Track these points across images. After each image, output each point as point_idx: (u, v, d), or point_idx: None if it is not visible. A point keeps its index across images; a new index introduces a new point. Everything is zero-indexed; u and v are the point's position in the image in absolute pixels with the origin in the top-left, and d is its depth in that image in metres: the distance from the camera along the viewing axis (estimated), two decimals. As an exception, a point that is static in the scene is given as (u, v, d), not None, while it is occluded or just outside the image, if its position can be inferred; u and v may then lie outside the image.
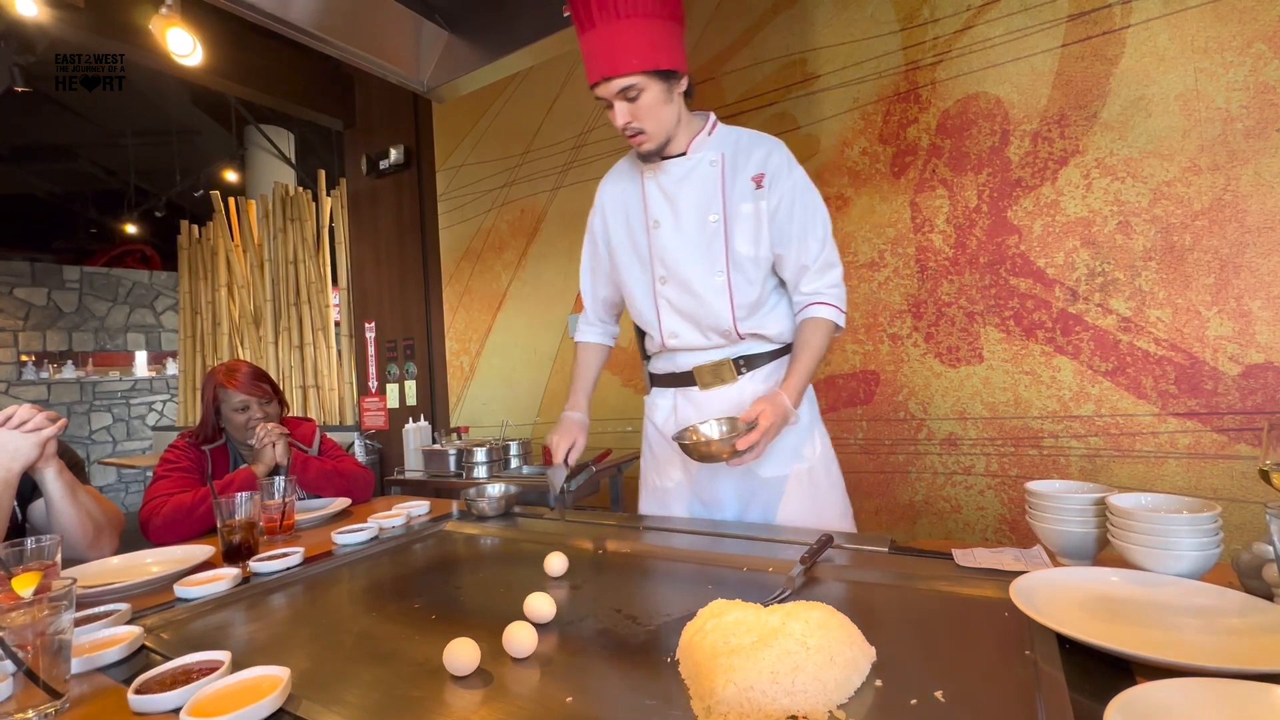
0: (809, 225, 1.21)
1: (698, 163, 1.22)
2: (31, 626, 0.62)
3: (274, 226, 4.24)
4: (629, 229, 1.31)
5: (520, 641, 0.71)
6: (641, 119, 1.14)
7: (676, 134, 1.20)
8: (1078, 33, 1.84)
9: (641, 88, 1.10)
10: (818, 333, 1.21)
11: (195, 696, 0.61)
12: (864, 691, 0.60)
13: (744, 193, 1.21)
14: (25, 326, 6.47)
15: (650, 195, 1.26)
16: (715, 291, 1.22)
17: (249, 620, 0.91)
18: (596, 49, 1.10)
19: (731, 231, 1.21)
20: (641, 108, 1.13)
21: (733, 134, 1.26)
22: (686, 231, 1.23)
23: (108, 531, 1.25)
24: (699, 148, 1.23)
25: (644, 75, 1.09)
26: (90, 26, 2.69)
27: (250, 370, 1.67)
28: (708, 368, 1.28)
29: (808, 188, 1.23)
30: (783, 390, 1.15)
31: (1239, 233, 1.67)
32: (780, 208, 1.20)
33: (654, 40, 1.08)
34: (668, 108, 1.15)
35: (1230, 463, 1.69)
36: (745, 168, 1.21)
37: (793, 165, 1.23)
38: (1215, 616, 0.67)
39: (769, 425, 1.08)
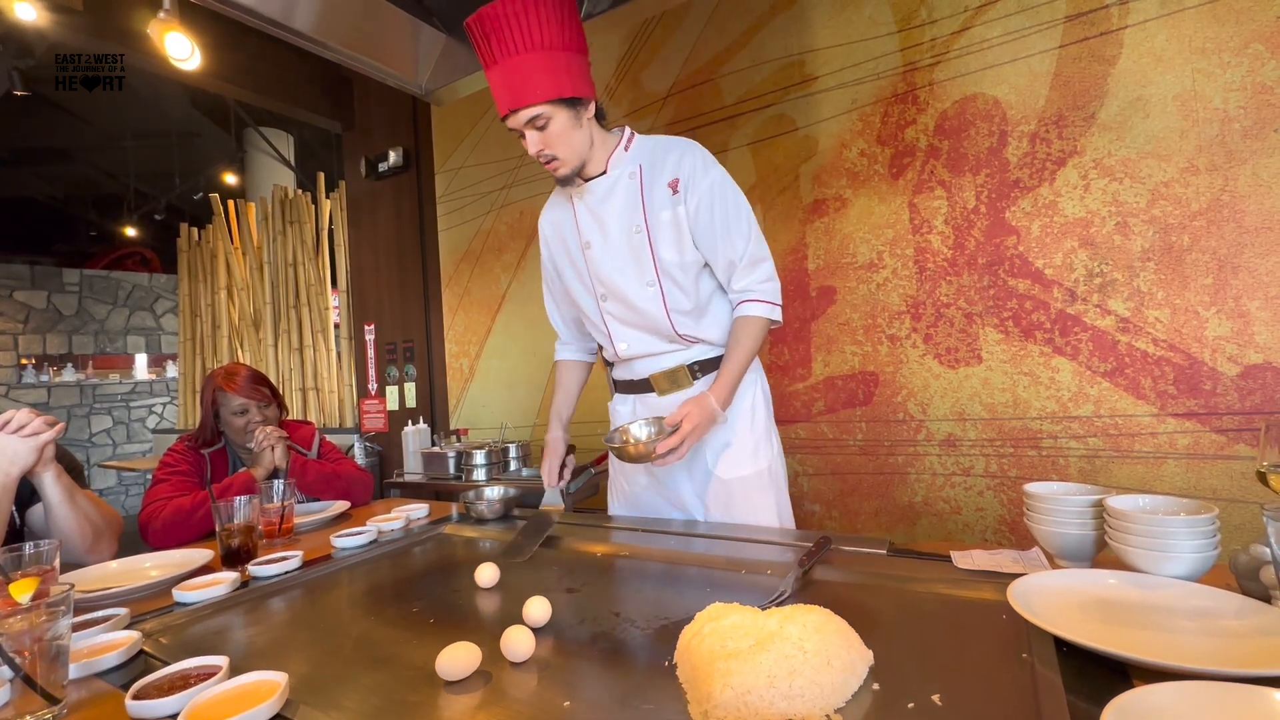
0: (731, 223, 1.22)
1: (617, 179, 1.25)
2: (29, 632, 0.62)
3: (273, 229, 4.24)
4: (568, 253, 1.35)
5: (518, 646, 0.71)
6: (553, 146, 1.17)
7: (591, 156, 1.24)
8: (1075, 34, 1.84)
9: (548, 116, 1.14)
10: (747, 331, 1.23)
11: (193, 702, 0.61)
12: (861, 695, 0.60)
13: (662, 200, 1.23)
14: (25, 329, 6.47)
15: (580, 217, 1.30)
16: (649, 300, 1.26)
17: (247, 624, 0.91)
18: (501, 83, 1.13)
19: (655, 240, 1.23)
20: (551, 135, 1.16)
21: (649, 143, 1.28)
22: (615, 247, 1.26)
23: (106, 535, 1.26)
24: (617, 164, 1.25)
25: (548, 105, 1.13)
26: (89, 30, 2.70)
27: (249, 374, 1.67)
28: (663, 374, 1.31)
29: (725, 186, 1.23)
30: (710, 391, 1.18)
31: (1237, 233, 1.67)
32: (700, 209, 1.21)
33: (557, 70, 1.12)
34: (577, 133, 1.19)
35: (1229, 463, 1.69)
36: (661, 175, 1.24)
37: (709, 166, 1.23)
38: (1212, 619, 0.67)
39: (691, 428, 1.13)
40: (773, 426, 1.36)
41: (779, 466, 1.34)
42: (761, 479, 1.29)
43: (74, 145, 6.88)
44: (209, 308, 4.82)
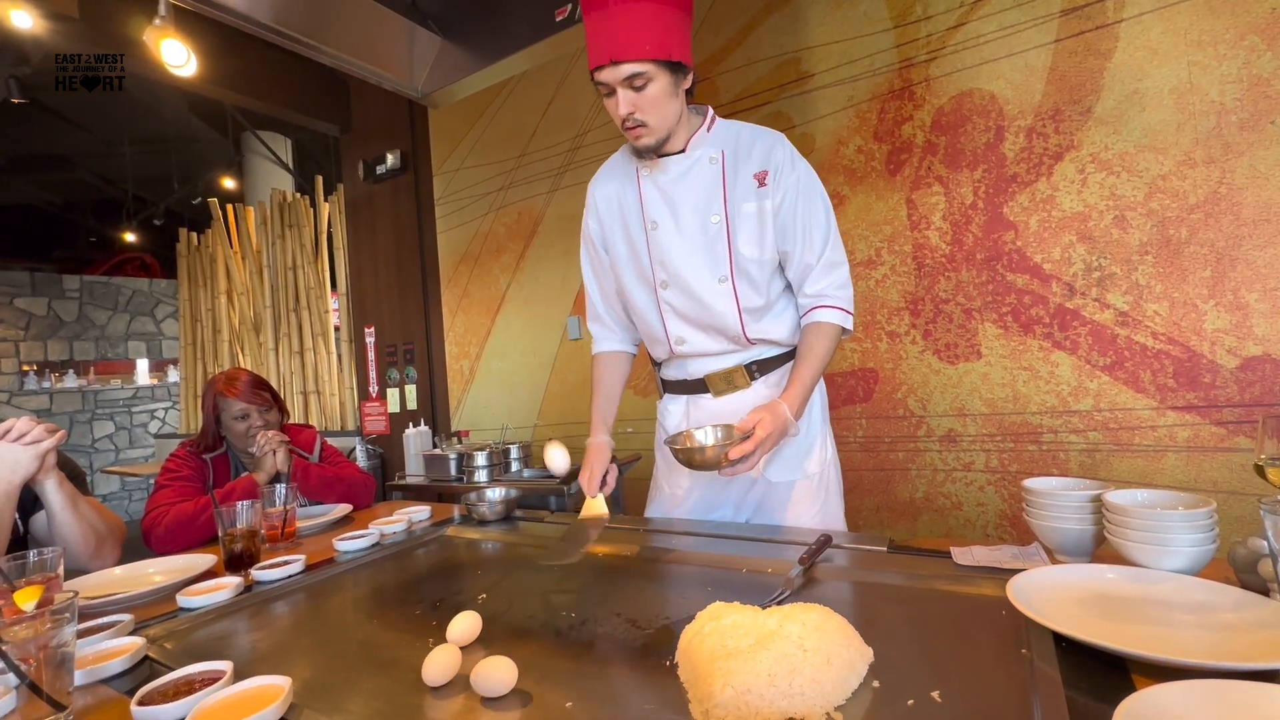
0: (812, 222, 1.16)
1: (696, 160, 1.17)
2: (34, 640, 0.63)
3: (272, 233, 4.24)
4: (626, 231, 1.25)
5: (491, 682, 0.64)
6: (645, 111, 1.07)
7: (676, 130, 1.14)
8: (1071, 28, 1.84)
9: (650, 77, 1.04)
10: (822, 338, 1.15)
11: (198, 707, 0.62)
12: (861, 692, 0.60)
13: (746, 191, 1.15)
14: (26, 336, 6.48)
15: (647, 195, 1.20)
16: (720, 296, 1.18)
17: (251, 629, 0.91)
18: (606, 30, 1.02)
19: (735, 232, 1.16)
20: (647, 99, 1.06)
21: (733, 129, 1.20)
22: (687, 233, 1.18)
23: (109, 542, 1.26)
24: (698, 144, 1.17)
25: (654, 64, 1.03)
26: (85, 38, 2.70)
27: (250, 378, 1.67)
28: (720, 374, 1.24)
29: (812, 183, 1.17)
30: (783, 399, 1.09)
31: (1235, 225, 1.67)
32: (784, 205, 1.15)
33: (668, 28, 1.02)
34: (673, 102, 1.09)
35: (1229, 455, 1.69)
36: (747, 164, 1.16)
37: (795, 160, 1.17)
38: (1211, 612, 0.67)
39: (765, 436, 1.03)
40: (829, 430, 1.30)
41: (833, 473, 1.28)
42: (813, 484, 1.24)
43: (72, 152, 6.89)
44: (209, 312, 4.83)
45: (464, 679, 0.68)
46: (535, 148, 3.06)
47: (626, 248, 1.25)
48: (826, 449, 1.28)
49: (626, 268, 1.27)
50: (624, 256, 1.26)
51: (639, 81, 1.04)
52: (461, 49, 1.89)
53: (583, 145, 2.90)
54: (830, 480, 1.27)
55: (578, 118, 2.90)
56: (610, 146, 2.80)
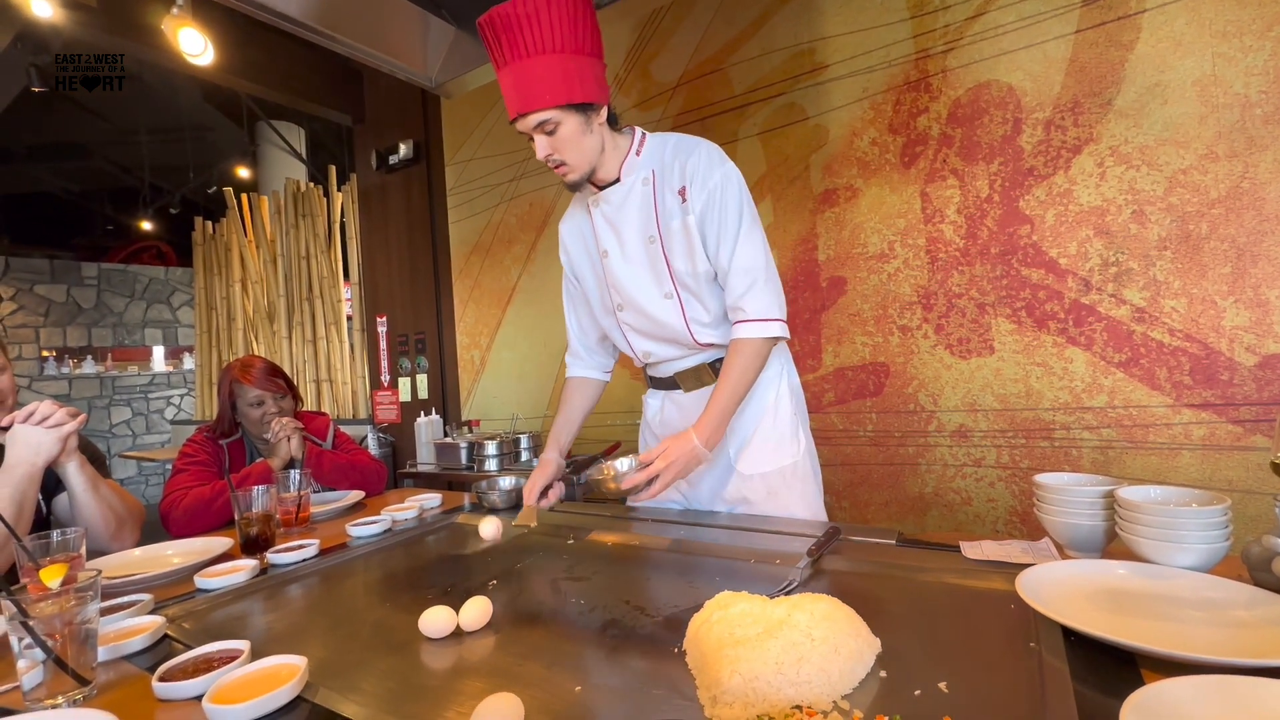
0: (724, 229, 1.16)
1: (632, 186, 1.21)
2: (59, 616, 0.65)
3: (286, 222, 4.28)
4: (589, 261, 1.32)
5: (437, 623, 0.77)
6: (561, 151, 1.14)
7: (603, 162, 1.20)
8: (1092, 18, 1.81)
9: (557, 121, 1.11)
10: (737, 357, 1.16)
11: (216, 684, 0.63)
12: (868, 682, 0.61)
13: (672, 208, 1.19)
14: (46, 323, 6.59)
15: (598, 226, 1.27)
16: (668, 311, 1.23)
17: (267, 610, 0.93)
18: (510, 85, 1.11)
19: (669, 250, 1.20)
20: (560, 140, 1.13)
21: (661, 145, 1.23)
22: (632, 257, 1.24)
23: (129, 524, 1.29)
24: (629, 170, 1.22)
25: (557, 110, 1.10)
26: (103, 27, 2.72)
27: (265, 366, 1.70)
28: (689, 372, 1.30)
29: (724, 188, 1.16)
30: (694, 429, 1.12)
31: (1257, 221, 1.64)
32: (702, 217, 1.17)
33: (566, 75, 1.08)
34: (587, 138, 1.15)
35: (1246, 454, 1.67)
36: (670, 181, 1.19)
37: (713, 167, 1.17)
38: (1223, 609, 0.67)
39: (665, 466, 1.09)
40: (800, 422, 1.31)
41: (807, 464, 1.29)
42: (786, 475, 1.26)
43: (90, 140, 6.96)
44: (224, 300, 4.88)
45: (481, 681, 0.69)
46: (547, 138, 3.05)
47: (591, 277, 1.34)
48: (799, 442, 1.29)
49: (592, 296, 1.35)
50: (589, 285, 1.35)
51: (549, 126, 1.11)
52: (475, 38, 1.88)
53: (595, 136, 2.89)
54: (805, 472, 1.29)
55: (590, 108, 2.89)
56: (622, 137, 2.79)
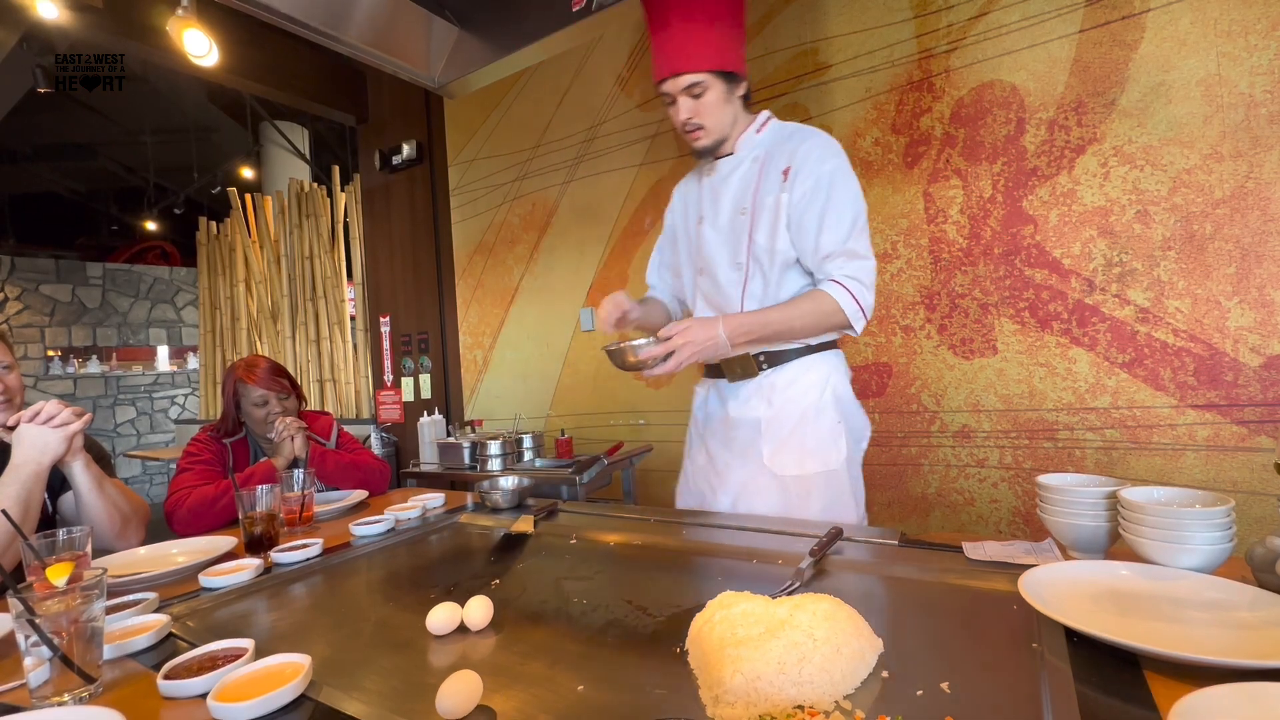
0: (830, 215, 1.17)
1: (741, 161, 1.27)
2: (65, 614, 0.65)
3: (290, 222, 4.29)
4: (686, 225, 1.40)
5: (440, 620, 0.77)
6: (702, 116, 1.20)
7: (730, 134, 1.26)
8: (1096, 18, 1.80)
9: (707, 86, 1.17)
10: (807, 299, 1.18)
11: (221, 682, 0.63)
12: (870, 682, 0.61)
13: (771, 185, 1.22)
14: (51, 322, 6.62)
15: (703, 193, 1.33)
16: (732, 283, 1.28)
17: (271, 609, 0.93)
18: (668, 47, 1.17)
19: (755, 223, 1.23)
20: (704, 105, 1.19)
21: (781, 130, 1.27)
22: (721, 227, 1.29)
23: (134, 522, 1.29)
24: (745, 146, 1.27)
25: (710, 74, 1.17)
26: (109, 28, 2.73)
27: (269, 365, 1.70)
28: (735, 360, 1.29)
29: (836, 178, 1.18)
30: (725, 319, 1.16)
31: (1262, 221, 1.63)
32: (801, 199, 1.19)
33: (722, 43, 1.15)
34: (727, 107, 1.21)
35: (1250, 455, 1.66)
36: (778, 161, 1.22)
37: (826, 157, 1.19)
38: (1226, 610, 0.67)
39: (681, 344, 1.12)
40: (846, 434, 1.26)
41: (844, 476, 1.25)
42: (817, 481, 1.23)
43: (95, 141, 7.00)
44: (228, 300, 4.90)
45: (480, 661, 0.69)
46: (550, 139, 3.06)
47: (685, 240, 1.41)
48: (838, 452, 1.25)
49: (683, 259, 1.42)
50: (683, 249, 1.42)
51: (697, 90, 1.18)
52: (478, 39, 1.89)
53: (598, 136, 2.89)
54: (840, 484, 1.25)
55: (593, 109, 2.90)
56: (623, 139, 2.79)
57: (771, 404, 1.27)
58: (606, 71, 2.85)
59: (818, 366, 1.27)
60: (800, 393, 1.26)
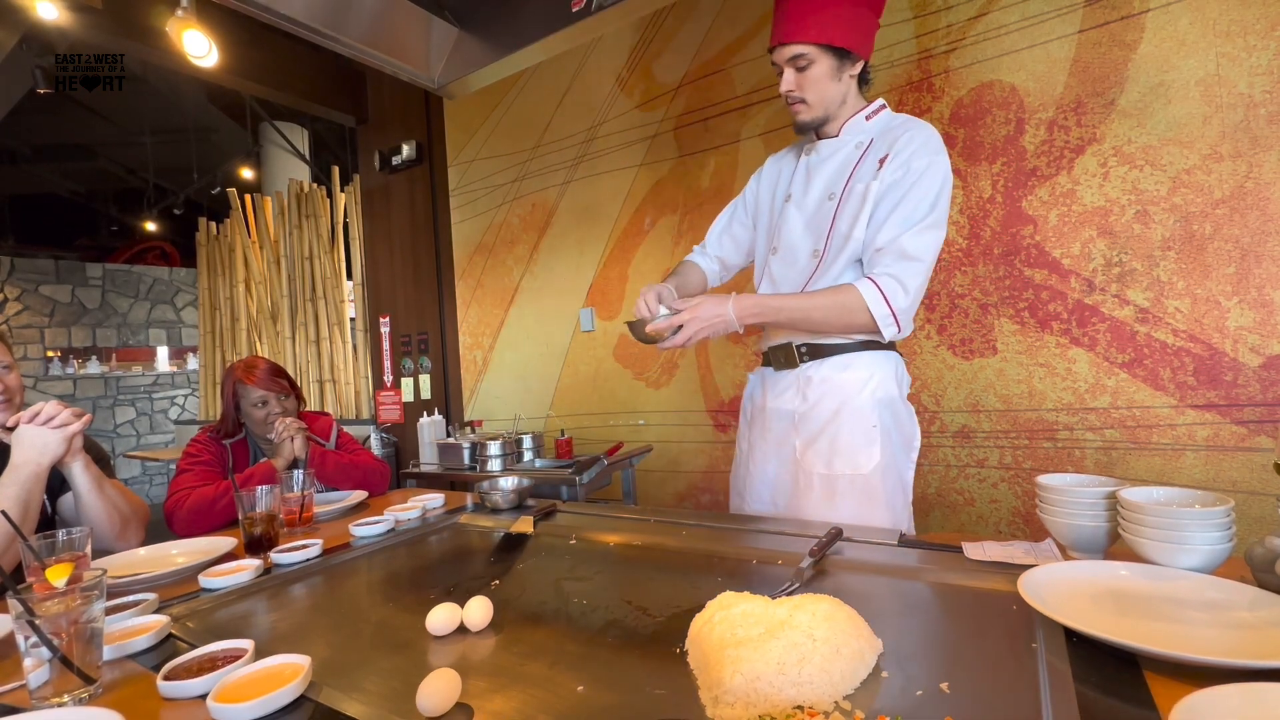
0: (899, 209, 1.12)
1: (843, 145, 1.23)
2: (65, 615, 0.65)
3: (289, 223, 4.29)
4: (771, 200, 1.36)
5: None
6: (804, 89, 1.17)
7: (837, 114, 1.22)
8: (1095, 18, 1.81)
9: (811, 59, 1.14)
10: (832, 291, 1.15)
11: (221, 683, 0.63)
12: (870, 683, 0.61)
13: (866, 173, 1.18)
14: (51, 323, 6.61)
15: (798, 172, 1.30)
16: (804, 271, 1.25)
17: (271, 610, 0.93)
18: (781, 16, 1.16)
19: (841, 210, 1.19)
20: (807, 79, 1.16)
21: (892, 120, 1.22)
22: (806, 208, 1.26)
23: (134, 523, 1.29)
24: (850, 130, 1.23)
25: (815, 47, 1.13)
26: (108, 28, 2.73)
27: (268, 366, 1.70)
28: (780, 348, 1.29)
29: (928, 175, 1.12)
30: (734, 295, 1.17)
31: (1261, 221, 1.63)
32: (890, 188, 1.14)
33: (838, 17, 1.11)
34: (833, 85, 1.17)
35: (1250, 455, 1.66)
36: (879, 150, 1.18)
37: (924, 153, 1.13)
38: (1225, 610, 0.67)
39: (689, 319, 1.15)
40: (885, 437, 1.21)
41: (877, 481, 1.19)
42: (842, 484, 1.20)
43: (95, 141, 7.00)
44: (228, 301, 4.90)
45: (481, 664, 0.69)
46: (550, 139, 3.06)
47: (766, 215, 1.38)
48: (872, 456, 1.20)
49: (760, 234, 1.40)
50: (761, 223, 1.40)
51: (801, 62, 1.15)
52: (478, 40, 1.89)
53: (597, 137, 2.89)
54: (873, 488, 1.19)
55: (593, 109, 2.90)
56: (624, 139, 2.79)
57: (806, 398, 1.25)
58: (606, 72, 2.85)
59: (861, 365, 1.22)
60: (835, 389, 1.22)
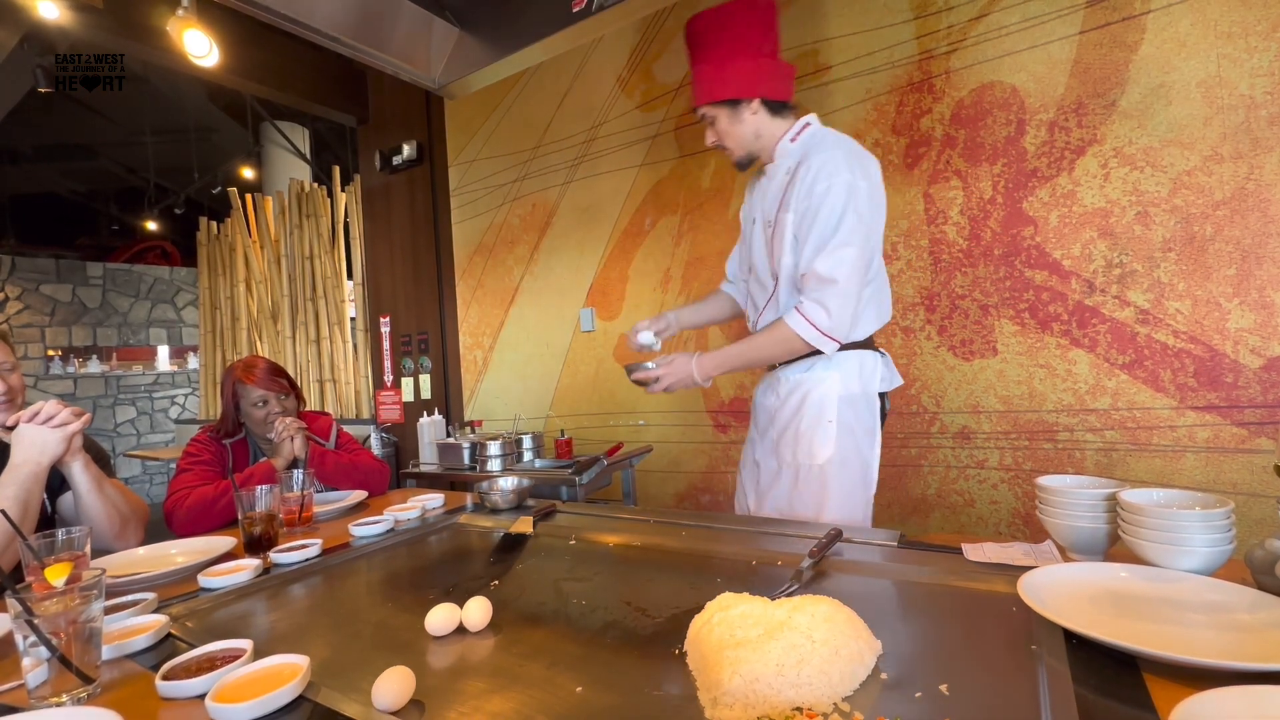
0: (811, 235, 1.23)
1: (777, 170, 1.35)
2: (64, 614, 0.65)
3: (290, 222, 4.29)
4: (746, 224, 1.49)
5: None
6: (721, 139, 1.35)
7: (761, 146, 1.35)
8: (1096, 19, 1.80)
9: (713, 115, 1.32)
10: (769, 330, 1.28)
11: (220, 683, 0.63)
12: (869, 684, 0.61)
13: (792, 200, 1.27)
14: (52, 322, 6.62)
15: (753, 197, 1.44)
16: (767, 292, 1.38)
17: (270, 610, 0.93)
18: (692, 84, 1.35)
19: (775, 237, 1.31)
20: (718, 130, 1.34)
21: (813, 138, 1.31)
22: (758, 235, 1.38)
23: (133, 523, 1.29)
24: (782, 154, 1.34)
25: (709, 106, 1.31)
26: (109, 28, 2.74)
27: (268, 366, 1.70)
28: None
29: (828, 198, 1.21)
30: (698, 354, 1.33)
31: (1262, 222, 1.63)
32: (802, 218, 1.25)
33: (716, 77, 1.28)
34: (739, 127, 1.32)
35: (1250, 457, 1.66)
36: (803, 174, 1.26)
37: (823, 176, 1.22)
38: (1225, 613, 0.67)
39: (663, 374, 1.34)
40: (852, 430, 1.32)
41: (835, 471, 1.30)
42: (810, 473, 1.32)
43: (96, 141, 7.00)
44: (228, 300, 4.90)
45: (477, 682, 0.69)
46: (550, 139, 3.06)
47: (746, 238, 1.50)
48: (827, 446, 1.31)
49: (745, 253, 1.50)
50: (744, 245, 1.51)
51: (709, 119, 1.34)
52: (479, 40, 1.89)
53: (598, 137, 2.89)
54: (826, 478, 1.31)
55: (593, 109, 2.90)
56: (624, 139, 2.79)
57: (779, 395, 1.38)
58: (607, 72, 2.85)
59: (822, 364, 1.33)
60: (798, 386, 1.35)
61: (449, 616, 0.78)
